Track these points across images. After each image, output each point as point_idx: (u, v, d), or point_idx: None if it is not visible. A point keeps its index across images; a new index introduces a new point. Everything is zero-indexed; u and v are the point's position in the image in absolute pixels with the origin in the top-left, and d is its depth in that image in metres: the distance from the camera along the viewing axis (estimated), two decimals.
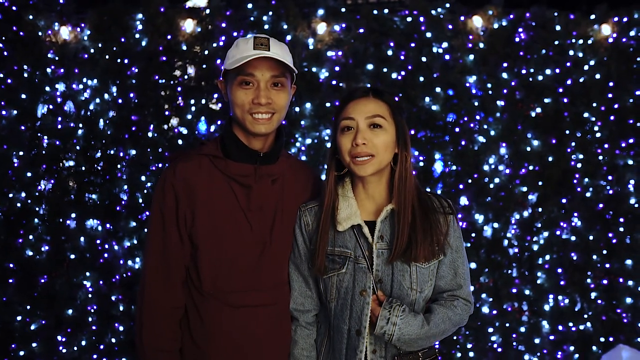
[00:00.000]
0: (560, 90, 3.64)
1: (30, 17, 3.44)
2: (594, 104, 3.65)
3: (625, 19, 3.66)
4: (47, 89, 3.49)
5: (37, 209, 3.50)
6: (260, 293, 1.82)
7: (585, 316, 3.69)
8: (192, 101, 3.56)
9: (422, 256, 1.72)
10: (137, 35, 3.54)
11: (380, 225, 1.75)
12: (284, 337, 1.87)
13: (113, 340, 3.54)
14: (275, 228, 1.83)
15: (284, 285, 1.88)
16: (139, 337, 1.80)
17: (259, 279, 1.81)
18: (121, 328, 3.55)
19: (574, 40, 3.66)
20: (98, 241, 3.53)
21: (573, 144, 3.66)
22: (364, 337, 1.72)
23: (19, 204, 3.46)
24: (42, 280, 3.49)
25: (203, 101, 3.57)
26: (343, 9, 3.63)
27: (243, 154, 1.82)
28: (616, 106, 3.66)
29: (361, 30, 3.60)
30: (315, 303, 1.87)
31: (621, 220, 3.66)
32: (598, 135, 3.67)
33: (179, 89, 3.57)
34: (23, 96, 3.44)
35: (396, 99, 1.83)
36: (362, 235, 1.76)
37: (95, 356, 3.54)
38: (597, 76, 3.65)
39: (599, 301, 3.69)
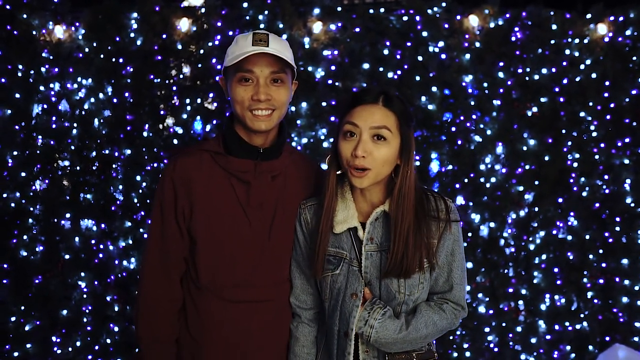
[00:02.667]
0: (557, 89, 3.64)
1: (24, 16, 3.41)
2: (590, 103, 3.65)
3: (621, 18, 3.66)
4: (42, 88, 3.47)
5: (31, 209, 3.48)
6: (257, 289, 1.82)
7: (582, 316, 3.69)
8: (188, 100, 3.54)
9: (412, 271, 1.68)
10: (132, 35, 3.52)
11: (369, 227, 1.73)
12: (281, 334, 1.88)
13: (108, 340, 3.53)
14: (275, 225, 1.83)
15: (283, 282, 1.87)
16: (137, 327, 1.83)
17: (256, 275, 1.81)
18: (116, 329, 3.53)
19: (570, 40, 3.66)
20: (93, 241, 3.51)
21: (569, 143, 3.66)
22: (351, 339, 1.71)
23: (13, 204, 3.43)
24: (37, 281, 3.47)
25: (199, 100, 3.55)
26: (339, 8, 3.61)
27: (243, 150, 1.82)
28: (612, 105, 3.66)
29: (357, 30, 3.59)
30: (318, 300, 1.86)
31: (617, 219, 3.66)
32: (594, 134, 3.67)
33: (175, 88, 3.56)
34: (17, 95, 3.42)
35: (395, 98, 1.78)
36: (358, 238, 1.75)
37: (90, 357, 3.52)
38: (593, 75, 3.65)
39: (595, 300, 3.69)
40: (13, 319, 3.45)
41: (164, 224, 1.81)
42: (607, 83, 3.65)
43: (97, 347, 3.53)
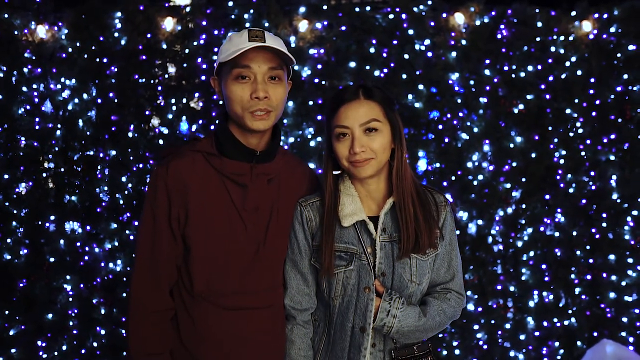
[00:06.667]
0: (543, 86, 3.65)
1: (6, 15, 3.37)
2: (576, 100, 3.66)
3: (605, 16, 3.68)
4: (24, 89, 3.42)
5: (15, 211, 3.43)
6: (254, 295, 1.77)
7: (570, 312, 3.70)
8: (173, 100, 3.51)
9: (427, 246, 1.75)
10: (116, 34, 3.49)
11: (383, 218, 1.76)
12: (278, 341, 1.82)
13: (95, 344, 3.48)
14: (271, 229, 1.79)
15: (279, 287, 1.83)
16: (129, 340, 1.76)
17: (252, 281, 1.77)
18: (103, 332, 3.49)
19: (555, 37, 3.67)
20: (78, 243, 3.46)
21: (556, 140, 3.67)
22: (369, 333, 1.72)
23: None
24: (21, 284, 3.42)
25: (184, 100, 3.52)
26: (325, 7, 3.60)
27: (239, 152, 1.77)
28: (597, 102, 3.67)
29: (343, 28, 3.58)
30: (313, 301, 1.84)
31: (604, 215, 3.68)
32: (580, 131, 3.68)
33: (160, 88, 3.52)
34: None
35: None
36: (366, 231, 1.76)
37: None
38: (579, 72, 3.66)
39: (583, 296, 3.71)
40: None
41: (155, 232, 1.73)
42: (592, 80, 3.66)
43: (83, 351, 3.49)
